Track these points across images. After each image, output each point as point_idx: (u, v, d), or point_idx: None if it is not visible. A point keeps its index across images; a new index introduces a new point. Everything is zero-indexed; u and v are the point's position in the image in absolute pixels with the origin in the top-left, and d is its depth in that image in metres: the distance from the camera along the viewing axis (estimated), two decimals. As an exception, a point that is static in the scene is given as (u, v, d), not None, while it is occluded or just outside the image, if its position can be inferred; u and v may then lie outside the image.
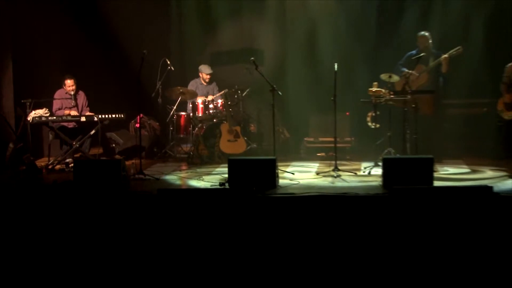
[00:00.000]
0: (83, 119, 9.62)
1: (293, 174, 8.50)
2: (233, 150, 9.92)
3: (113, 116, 9.63)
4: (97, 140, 9.72)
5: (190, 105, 10.63)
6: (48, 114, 9.40)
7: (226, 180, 7.66)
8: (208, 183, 8.05)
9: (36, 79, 10.70)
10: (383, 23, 11.21)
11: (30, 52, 10.70)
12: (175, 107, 10.52)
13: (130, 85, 9.51)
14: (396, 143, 8.98)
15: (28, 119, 9.22)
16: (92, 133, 9.60)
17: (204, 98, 10.50)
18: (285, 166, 9.14)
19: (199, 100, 10.44)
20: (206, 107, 10.35)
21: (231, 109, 10.21)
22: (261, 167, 7.57)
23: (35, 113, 9.23)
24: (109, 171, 7.64)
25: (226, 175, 7.71)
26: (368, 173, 8.53)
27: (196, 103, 10.41)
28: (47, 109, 9.47)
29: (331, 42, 11.25)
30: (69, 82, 9.97)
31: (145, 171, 8.58)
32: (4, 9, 10.25)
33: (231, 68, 11.69)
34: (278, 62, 11.66)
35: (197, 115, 10.38)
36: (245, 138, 10.20)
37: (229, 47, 12.10)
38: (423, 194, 6.14)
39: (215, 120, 10.29)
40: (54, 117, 9.58)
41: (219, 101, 10.38)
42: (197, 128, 10.27)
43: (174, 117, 10.51)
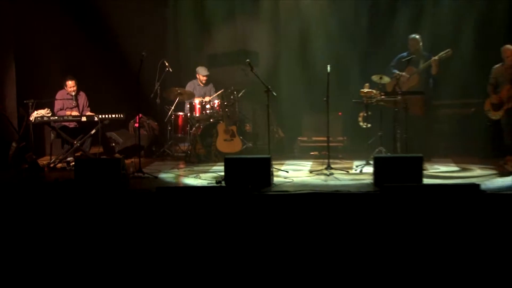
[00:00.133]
0: (84, 119, 9.63)
1: (287, 172, 8.52)
2: (229, 149, 9.94)
3: (113, 116, 9.66)
4: (97, 139, 9.75)
5: (188, 106, 10.65)
6: (50, 114, 9.41)
7: (223, 178, 7.68)
8: (205, 181, 8.07)
9: (38, 80, 10.70)
10: (375, 26, 11.19)
11: (32, 54, 10.71)
12: (173, 108, 10.52)
13: (129, 86, 9.54)
14: (386, 142, 9.00)
15: (31, 119, 9.24)
16: (92, 133, 9.63)
17: (201, 99, 10.51)
18: (280, 164, 9.15)
19: (196, 101, 10.45)
20: (203, 108, 10.37)
21: (227, 110, 10.22)
22: (256, 165, 7.57)
23: (37, 113, 9.25)
24: (109, 170, 7.65)
25: (223, 173, 7.73)
26: (360, 171, 8.55)
27: (194, 104, 10.42)
28: (49, 109, 9.48)
29: (324, 44, 11.25)
30: (70, 83, 9.97)
31: (144, 170, 8.58)
32: (7, 11, 10.24)
33: (227, 70, 11.69)
34: (273, 63, 11.65)
35: (194, 115, 10.39)
36: (241, 138, 10.22)
37: (225, 49, 12.09)
38: (412, 192, 6.16)
39: (211, 120, 10.31)
40: (56, 117, 9.59)
41: (216, 101, 10.40)
42: (194, 128, 10.29)
43: (172, 117, 10.51)
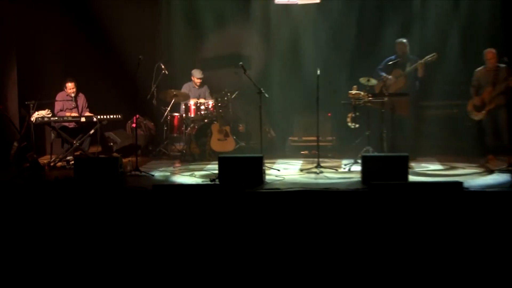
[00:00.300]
0: (83, 119, 9.63)
1: (278, 170, 8.55)
2: (223, 148, 9.96)
3: (111, 116, 9.65)
4: (96, 139, 9.76)
5: (183, 107, 10.65)
6: (50, 115, 9.41)
7: (217, 176, 7.70)
8: (199, 179, 8.09)
9: (39, 82, 10.68)
10: (363, 30, 11.19)
11: (33, 56, 10.68)
12: (169, 108, 10.54)
13: (127, 88, 9.57)
14: (374, 142, 9.03)
15: (32, 119, 9.23)
16: (91, 133, 9.62)
17: (196, 100, 10.54)
18: (271, 163, 9.17)
19: (192, 102, 10.47)
20: (198, 109, 10.39)
21: (221, 110, 10.24)
22: (249, 164, 7.60)
23: (38, 114, 9.25)
24: (107, 168, 7.69)
25: (217, 171, 7.76)
26: (348, 170, 8.59)
27: (189, 105, 10.43)
28: (49, 110, 9.48)
29: (314, 47, 11.24)
30: (70, 85, 9.95)
31: (141, 168, 8.61)
32: (8, 14, 10.22)
33: (221, 72, 11.66)
34: (264, 66, 11.61)
35: (189, 115, 10.41)
36: (234, 137, 10.24)
37: (218, 53, 12.03)
38: (399, 189, 6.23)
39: (206, 121, 10.32)
40: (56, 118, 9.59)
41: (210, 102, 10.42)
42: (189, 128, 10.31)
43: (168, 118, 10.51)
